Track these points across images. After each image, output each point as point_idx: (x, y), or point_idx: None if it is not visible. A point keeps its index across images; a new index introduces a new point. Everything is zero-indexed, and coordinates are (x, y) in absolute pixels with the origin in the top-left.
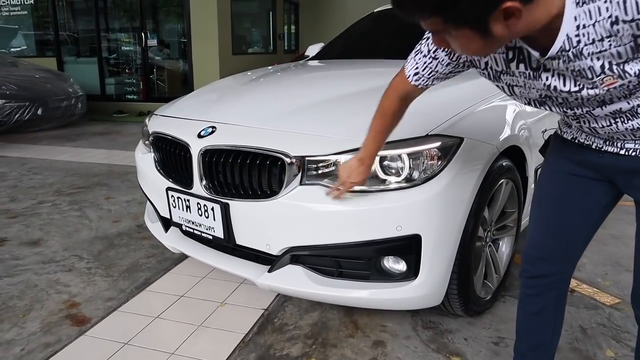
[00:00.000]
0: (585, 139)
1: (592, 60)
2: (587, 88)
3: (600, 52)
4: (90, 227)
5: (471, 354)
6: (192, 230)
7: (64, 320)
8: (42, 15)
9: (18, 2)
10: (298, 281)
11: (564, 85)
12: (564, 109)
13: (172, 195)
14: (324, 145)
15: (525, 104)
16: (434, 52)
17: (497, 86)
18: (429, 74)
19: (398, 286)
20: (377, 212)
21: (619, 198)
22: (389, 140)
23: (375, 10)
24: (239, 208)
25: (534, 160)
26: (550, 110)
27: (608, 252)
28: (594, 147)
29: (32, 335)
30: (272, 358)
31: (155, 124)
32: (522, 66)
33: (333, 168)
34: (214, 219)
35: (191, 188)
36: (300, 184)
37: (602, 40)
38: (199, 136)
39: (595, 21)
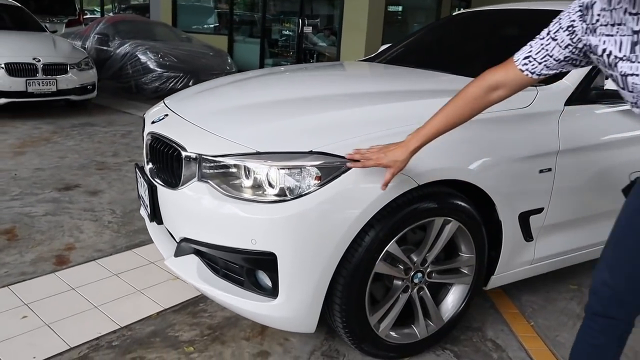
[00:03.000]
0: None
1: None
2: None
3: None
4: None
5: None
6: (143, 204)
7: (52, 258)
8: None
9: None
10: (188, 271)
11: None
12: None
13: (137, 172)
14: (217, 146)
15: (632, 104)
16: (554, 32)
17: (611, 76)
18: (542, 57)
19: (262, 301)
20: (238, 220)
21: None
22: (270, 151)
23: (456, 13)
24: (162, 192)
25: (513, 202)
26: None
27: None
28: None
29: (22, 263)
30: (162, 335)
31: (152, 109)
32: None
33: (224, 170)
34: (147, 198)
35: (145, 168)
36: (198, 179)
37: None
38: (153, 122)
39: None
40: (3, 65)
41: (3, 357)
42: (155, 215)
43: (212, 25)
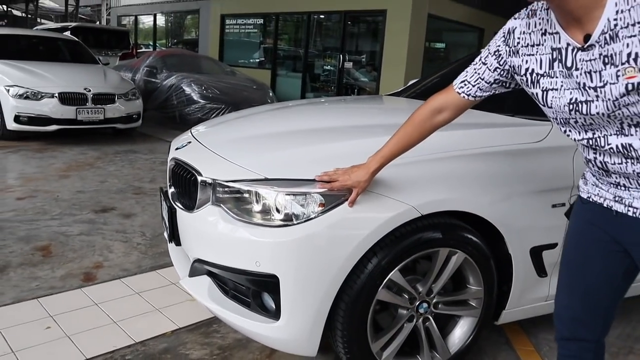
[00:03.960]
0: (598, 193)
1: (624, 44)
2: (610, 83)
3: (631, 36)
4: None
5: None
6: (165, 226)
7: (80, 274)
8: (266, 34)
9: (251, 21)
10: (200, 291)
11: (591, 81)
12: (585, 130)
13: (161, 195)
14: (230, 172)
15: (553, 118)
16: (484, 58)
17: (533, 94)
18: (475, 81)
19: (266, 323)
20: (245, 243)
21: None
22: (277, 178)
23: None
24: (181, 215)
25: (523, 236)
26: (571, 132)
27: None
28: (605, 205)
29: (52, 278)
30: (173, 352)
31: (180, 136)
32: (560, 65)
33: (236, 195)
34: (167, 220)
35: (167, 192)
36: (212, 203)
37: (634, 25)
38: (176, 148)
39: (632, 7)
40: (57, 95)
41: None
42: (174, 237)
43: (257, 60)
